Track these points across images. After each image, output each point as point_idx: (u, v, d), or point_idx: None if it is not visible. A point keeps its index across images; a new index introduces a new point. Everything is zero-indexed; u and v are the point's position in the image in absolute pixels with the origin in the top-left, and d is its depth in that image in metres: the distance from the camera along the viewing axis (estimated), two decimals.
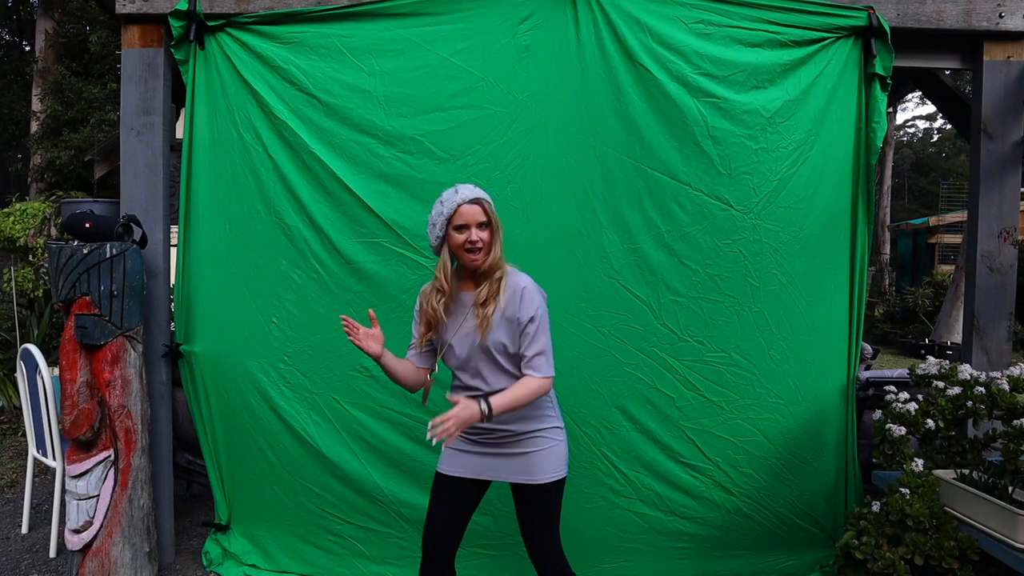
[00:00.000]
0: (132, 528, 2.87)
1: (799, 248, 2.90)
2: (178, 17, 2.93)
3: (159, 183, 3.06)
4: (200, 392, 3.09)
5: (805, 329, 2.93)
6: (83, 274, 2.75)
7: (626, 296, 2.89)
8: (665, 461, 2.93)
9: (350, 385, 2.97)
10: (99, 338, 2.76)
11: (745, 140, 2.83)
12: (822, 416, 2.97)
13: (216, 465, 3.14)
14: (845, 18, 2.88)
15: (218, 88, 3.02)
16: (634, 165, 2.86)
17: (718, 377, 2.91)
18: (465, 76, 2.88)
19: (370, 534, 3.03)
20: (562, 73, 2.88)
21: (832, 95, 2.92)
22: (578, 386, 2.91)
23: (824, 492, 3.00)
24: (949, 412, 2.52)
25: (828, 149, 2.92)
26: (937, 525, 2.24)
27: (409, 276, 2.92)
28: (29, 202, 6.08)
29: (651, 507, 2.95)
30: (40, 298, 5.73)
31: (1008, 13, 2.94)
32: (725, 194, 2.84)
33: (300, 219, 2.96)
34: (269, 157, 2.97)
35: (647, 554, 2.98)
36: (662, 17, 2.85)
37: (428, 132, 2.89)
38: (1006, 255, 2.99)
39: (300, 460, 3.02)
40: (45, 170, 10.93)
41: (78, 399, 2.77)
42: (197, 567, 3.17)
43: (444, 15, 2.89)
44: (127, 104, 3.05)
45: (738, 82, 2.85)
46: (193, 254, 3.07)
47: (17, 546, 3.39)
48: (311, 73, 2.92)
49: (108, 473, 2.83)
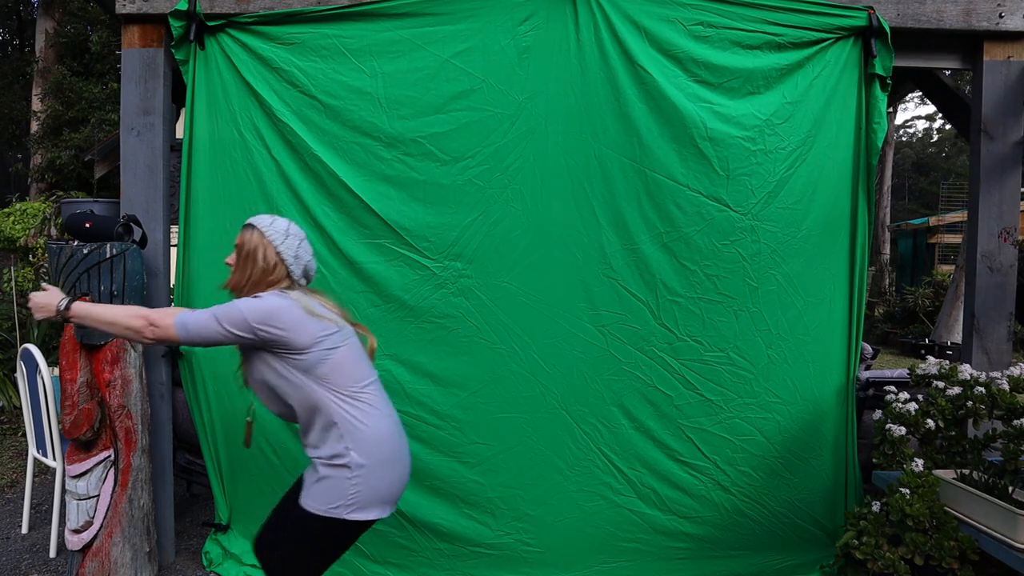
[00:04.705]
0: (132, 528, 2.87)
1: (798, 249, 2.91)
2: (178, 17, 2.94)
3: (159, 183, 3.06)
4: (200, 392, 3.09)
5: (804, 329, 2.93)
6: (83, 274, 2.75)
7: (625, 296, 2.89)
8: (664, 460, 2.93)
9: None
10: (99, 338, 2.76)
11: (743, 142, 2.84)
12: (821, 416, 2.97)
13: (216, 465, 3.14)
14: (845, 18, 2.88)
15: (218, 88, 3.02)
16: (633, 166, 2.87)
17: (716, 376, 2.91)
18: (466, 78, 2.89)
19: (371, 533, 3.00)
20: (562, 74, 2.88)
21: (832, 96, 2.92)
22: (578, 385, 2.92)
23: (824, 492, 3.01)
24: (949, 412, 2.52)
25: (827, 150, 2.93)
26: (937, 525, 2.24)
27: (411, 276, 2.93)
28: (29, 202, 6.07)
29: (650, 506, 2.95)
30: None
31: (1008, 13, 2.94)
32: (723, 195, 2.85)
33: (303, 220, 2.97)
34: (272, 158, 2.97)
35: (646, 554, 2.98)
36: (661, 19, 2.85)
37: (429, 134, 2.90)
38: (1006, 255, 2.99)
39: (301, 459, 3.01)
40: (45, 170, 10.94)
41: (78, 399, 2.77)
42: (197, 567, 3.17)
43: (444, 15, 2.90)
44: (127, 104, 3.05)
45: (733, 88, 2.86)
46: (193, 254, 3.07)
47: (17, 546, 3.39)
48: (312, 75, 2.93)
49: (108, 473, 2.83)
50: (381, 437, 1.97)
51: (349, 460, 1.90)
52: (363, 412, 1.94)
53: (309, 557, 1.96)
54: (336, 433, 1.91)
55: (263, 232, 1.99)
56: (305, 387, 1.91)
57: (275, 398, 1.98)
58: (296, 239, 2.03)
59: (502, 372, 2.92)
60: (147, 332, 1.88)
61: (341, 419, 1.91)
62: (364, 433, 1.93)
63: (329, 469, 1.91)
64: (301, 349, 1.88)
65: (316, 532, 1.92)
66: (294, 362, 1.90)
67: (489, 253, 2.91)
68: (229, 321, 1.86)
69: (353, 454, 1.90)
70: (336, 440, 1.91)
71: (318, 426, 1.93)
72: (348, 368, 1.95)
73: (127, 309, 1.95)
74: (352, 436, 1.91)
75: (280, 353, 1.90)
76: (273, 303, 1.89)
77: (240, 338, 1.87)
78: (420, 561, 3.01)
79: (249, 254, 1.98)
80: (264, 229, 1.99)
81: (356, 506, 1.90)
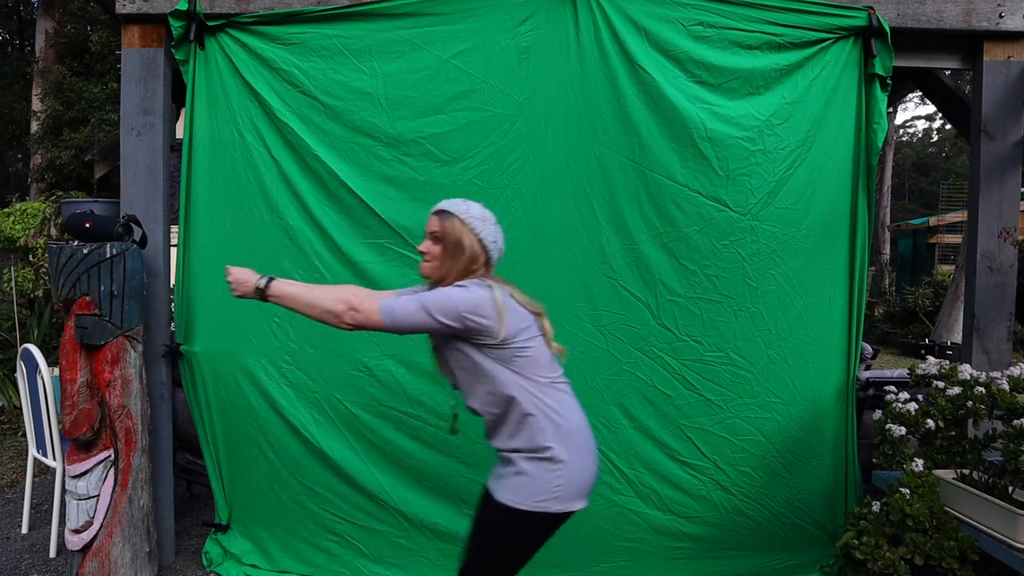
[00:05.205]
0: (132, 528, 2.87)
1: (797, 249, 2.91)
2: (178, 17, 2.94)
3: (159, 183, 3.06)
4: (200, 392, 3.09)
5: (803, 329, 2.93)
6: (83, 274, 2.75)
7: (625, 296, 2.90)
8: (664, 459, 2.93)
9: (352, 384, 2.98)
10: (99, 338, 2.76)
11: (742, 142, 2.84)
12: (821, 416, 2.98)
13: (216, 465, 3.15)
14: (845, 18, 2.88)
15: (218, 88, 3.02)
16: (633, 166, 2.87)
17: (716, 376, 2.91)
18: (466, 78, 2.89)
19: (370, 533, 3.03)
20: (562, 74, 2.88)
21: (831, 96, 2.92)
22: (577, 384, 2.86)
23: (824, 492, 3.01)
24: (949, 412, 2.52)
25: (827, 150, 2.93)
26: (937, 525, 2.24)
27: (412, 276, 2.92)
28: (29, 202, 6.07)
29: (649, 505, 2.95)
30: (40, 298, 5.73)
31: (1008, 13, 2.94)
32: (723, 195, 2.85)
33: (303, 220, 2.97)
34: (272, 158, 2.97)
35: (646, 554, 2.98)
36: (661, 19, 2.86)
37: (429, 134, 2.90)
38: (1006, 255, 2.99)
39: (301, 459, 3.02)
40: (45, 170, 10.94)
41: (78, 399, 2.77)
42: (197, 567, 3.17)
43: (444, 15, 2.90)
44: (127, 104, 3.05)
45: (732, 89, 2.87)
46: (193, 254, 3.07)
47: (17, 546, 3.39)
48: (312, 75, 2.93)
49: (108, 473, 2.83)
50: (578, 428, 1.95)
51: (552, 453, 1.87)
52: (560, 403, 1.92)
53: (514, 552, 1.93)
54: (535, 425, 1.88)
55: (463, 219, 1.92)
56: (502, 377, 1.88)
57: (468, 390, 1.95)
58: (491, 223, 1.97)
59: None
60: (346, 317, 1.82)
61: (539, 411, 1.88)
62: (563, 425, 1.90)
63: (530, 463, 1.87)
64: (503, 340, 1.85)
65: (523, 526, 1.88)
66: (494, 353, 1.87)
67: None
68: (440, 311, 1.81)
69: (555, 447, 1.87)
70: (535, 433, 1.88)
71: (513, 418, 1.89)
72: (543, 359, 1.94)
73: (329, 291, 1.89)
74: (552, 429, 1.89)
75: (479, 343, 1.86)
76: (481, 293, 1.85)
77: (446, 326, 1.83)
78: (420, 561, 3.01)
79: (456, 243, 1.91)
80: (463, 216, 1.93)
81: (562, 498, 1.87)
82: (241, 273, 1.91)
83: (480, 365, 1.88)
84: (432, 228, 1.95)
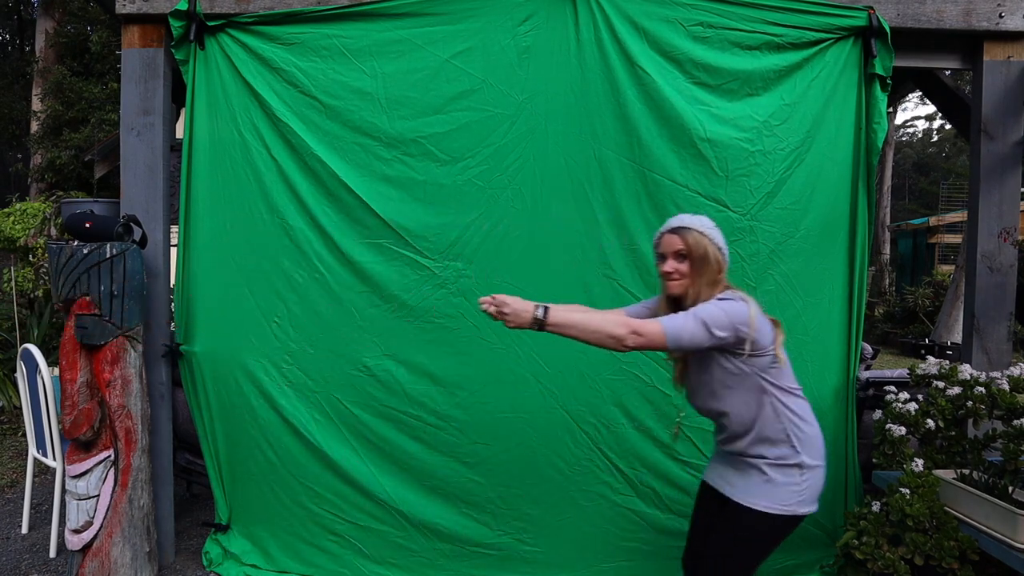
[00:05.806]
0: (132, 528, 2.87)
1: (796, 249, 2.91)
2: (178, 17, 2.94)
3: (159, 183, 3.06)
4: (200, 392, 3.09)
5: (803, 329, 2.93)
6: (83, 274, 2.75)
7: (624, 296, 2.89)
8: (663, 459, 2.93)
9: (352, 384, 2.98)
10: (99, 338, 2.76)
11: (741, 143, 2.84)
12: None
13: (216, 465, 3.15)
14: (845, 18, 2.88)
15: (218, 88, 3.02)
16: (633, 167, 2.87)
17: None
18: (466, 78, 2.89)
19: (370, 534, 3.03)
20: (562, 74, 2.88)
21: (831, 96, 2.92)
22: (577, 384, 2.92)
23: (823, 492, 2.99)
24: (949, 412, 2.52)
25: (826, 150, 2.93)
26: (937, 525, 2.24)
27: (411, 276, 2.93)
28: (29, 202, 6.07)
29: (649, 505, 2.95)
30: (40, 298, 5.74)
31: (1008, 13, 2.94)
32: (722, 196, 2.85)
33: (303, 220, 2.97)
34: (272, 158, 2.97)
35: (646, 553, 2.98)
36: (661, 20, 2.86)
37: (429, 134, 2.90)
38: (1006, 255, 2.99)
39: (301, 459, 3.02)
40: (45, 170, 10.95)
41: (78, 399, 2.77)
42: (197, 567, 3.17)
43: (444, 15, 2.90)
44: (127, 104, 3.05)
45: (731, 90, 2.87)
46: (193, 254, 3.07)
47: (17, 546, 3.39)
48: (312, 75, 2.93)
49: (108, 473, 2.83)
50: (818, 434, 2.02)
51: (800, 460, 1.95)
52: (804, 411, 2.00)
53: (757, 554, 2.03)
54: (781, 432, 1.95)
55: (701, 231, 1.97)
56: (758, 386, 1.94)
57: (719, 397, 1.99)
58: (719, 230, 2.01)
59: (502, 372, 2.93)
60: (629, 340, 1.84)
61: (788, 419, 1.95)
62: (809, 432, 1.98)
63: (777, 471, 1.95)
64: (762, 349, 1.90)
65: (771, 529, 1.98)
66: (753, 362, 1.91)
67: (489, 253, 2.91)
68: (718, 326, 1.85)
69: (803, 455, 1.95)
70: (782, 440, 1.96)
71: (763, 426, 1.95)
72: (789, 368, 2.00)
73: (609, 317, 1.93)
74: (799, 436, 1.97)
75: (741, 353, 1.90)
76: (743, 306, 1.89)
77: (720, 340, 1.86)
78: (420, 561, 3.01)
79: (702, 256, 1.96)
80: (700, 228, 1.97)
81: (806, 501, 1.96)
82: (517, 303, 1.86)
83: (739, 375, 1.94)
84: (675, 247, 1.98)
